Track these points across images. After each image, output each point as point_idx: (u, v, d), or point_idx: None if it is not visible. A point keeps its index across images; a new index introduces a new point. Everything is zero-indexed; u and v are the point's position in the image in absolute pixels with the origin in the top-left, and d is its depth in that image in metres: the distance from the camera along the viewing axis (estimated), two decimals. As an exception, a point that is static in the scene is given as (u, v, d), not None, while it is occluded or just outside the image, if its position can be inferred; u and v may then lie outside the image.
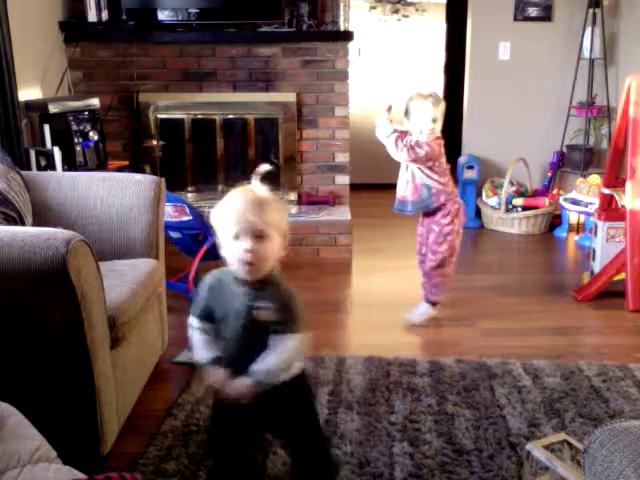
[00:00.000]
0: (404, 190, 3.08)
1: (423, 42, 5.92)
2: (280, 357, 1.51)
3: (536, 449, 1.74)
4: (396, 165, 3.12)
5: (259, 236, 1.48)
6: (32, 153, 3.35)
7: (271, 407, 1.60)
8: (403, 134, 3.01)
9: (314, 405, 1.78)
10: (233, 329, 1.54)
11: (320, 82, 4.33)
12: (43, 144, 3.45)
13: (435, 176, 3.00)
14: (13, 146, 3.16)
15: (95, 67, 4.21)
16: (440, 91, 6.04)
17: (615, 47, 4.80)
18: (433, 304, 3.13)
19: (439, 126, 3.01)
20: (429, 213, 3.08)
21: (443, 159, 3.03)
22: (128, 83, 4.23)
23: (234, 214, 1.49)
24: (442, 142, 3.03)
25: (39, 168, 3.35)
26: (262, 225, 1.48)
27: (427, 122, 2.98)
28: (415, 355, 2.75)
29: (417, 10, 5.85)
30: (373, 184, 5.78)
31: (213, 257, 3.47)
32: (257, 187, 1.56)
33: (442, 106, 3.03)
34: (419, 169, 3.00)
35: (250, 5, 4.20)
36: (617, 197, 3.42)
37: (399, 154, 2.97)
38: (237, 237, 1.48)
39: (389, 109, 3.04)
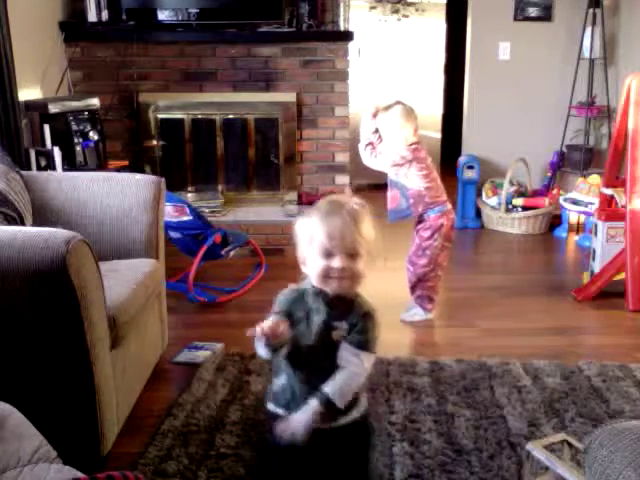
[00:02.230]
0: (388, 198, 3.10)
1: (423, 42, 5.92)
2: (352, 375, 1.40)
3: (536, 449, 1.74)
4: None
5: (352, 254, 1.40)
6: (32, 153, 3.35)
7: (334, 452, 1.46)
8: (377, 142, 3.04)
9: (374, 454, 1.59)
10: (306, 345, 1.42)
11: (320, 82, 4.33)
12: (43, 144, 3.45)
13: (414, 182, 2.97)
14: (13, 146, 3.16)
15: (95, 67, 4.21)
16: (440, 91, 6.05)
17: (615, 47, 4.80)
18: (424, 309, 3.13)
19: (409, 132, 2.95)
20: (418, 222, 3.08)
21: (424, 164, 2.99)
22: (128, 83, 4.23)
23: (328, 229, 1.39)
24: (419, 147, 2.98)
25: (39, 168, 3.35)
26: (357, 244, 1.40)
27: (398, 131, 2.94)
28: (415, 355, 2.75)
29: (417, 10, 5.85)
30: (373, 184, 5.78)
31: (213, 257, 3.48)
32: (350, 199, 1.45)
33: (409, 111, 2.96)
34: (399, 176, 3.00)
35: (250, 5, 4.20)
36: (617, 197, 3.42)
37: (375, 161, 3.01)
38: (330, 255, 1.39)
39: (375, 114, 3.01)
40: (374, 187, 5.77)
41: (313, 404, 1.38)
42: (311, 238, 1.41)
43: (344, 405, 1.40)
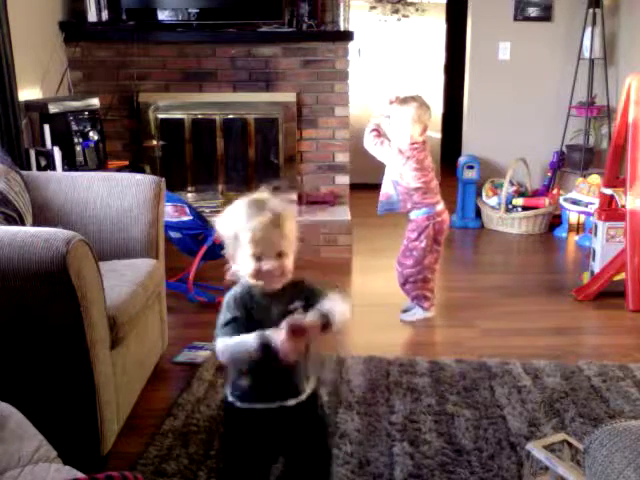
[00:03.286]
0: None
1: (423, 42, 5.91)
2: (335, 303, 1.48)
3: (536, 449, 1.74)
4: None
5: (279, 254, 1.44)
6: (32, 153, 3.35)
7: (294, 424, 1.54)
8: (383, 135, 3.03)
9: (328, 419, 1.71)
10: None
11: (320, 82, 4.33)
12: (43, 144, 3.45)
13: (405, 179, 2.97)
14: (13, 146, 3.16)
15: (95, 67, 4.20)
16: (440, 91, 6.05)
17: (615, 47, 4.80)
18: (422, 308, 3.14)
19: (417, 131, 2.92)
20: (408, 223, 3.08)
21: (419, 165, 2.96)
22: (128, 83, 4.23)
23: (253, 235, 1.42)
24: (421, 148, 2.96)
25: (39, 168, 3.35)
26: (283, 245, 1.45)
27: (407, 128, 2.92)
28: (415, 355, 2.75)
29: (417, 10, 5.84)
30: (373, 184, 5.77)
31: (213, 257, 3.47)
32: (269, 199, 1.47)
33: (424, 111, 2.93)
34: (393, 169, 3.00)
35: (250, 5, 4.20)
36: (617, 197, 3.42)
37: (374, 147, 3.01)
38: (258, 258, 1.43)
39: (392, 102, 2.98)
40: (374, 187, 5.78)
41: (312, 316, 1.43)
42: (236, 239, 1.45)
43: (337, 325, 1.45)
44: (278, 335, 1.38)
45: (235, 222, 1.45)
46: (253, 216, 1.43)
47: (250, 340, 1.40)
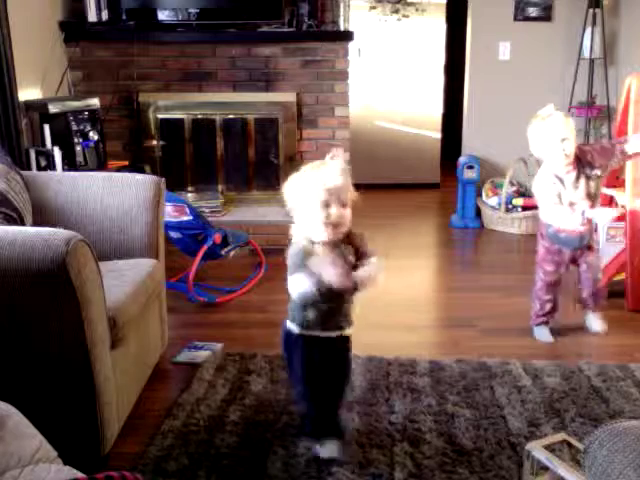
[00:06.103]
0: None
1: (423, 42, 5.91)
2: (371, 268, 1.83)
3: (536, 449, 1.74)
4: (395, 165, 3.11)
5: (344, 204, 1.76)
6: (32, 153, 3.35)
7: (341, 349, 1.98)
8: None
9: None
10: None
11: (320, 82, 4.33)
12: (43, 144, 3.45)
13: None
14: (13, 146, 3.16)
15: (95, 67, 4.21)
16: (440, 91, 6.05)
17: (615, 47, 4.80)
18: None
19: (570, 146, 2.68)
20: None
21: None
22: (128, 83, 4.23)
23: (325, 182, 1.72)
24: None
25: (39, 168, 3.35)
26: (346, 196, 1.76)
27: (555, 145, 2.67)
28: (415, 355, 2.75)
29: (417, 10, 5.84)
30: (373, 184, 5.77)
31: (213, 257, 3.48)
32: (328, 161, 1.79)
33: (566, 122, 2.69)
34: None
35: (250, 5, 4.20)
36: (617, 197, 3.42)
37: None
38: (327, 205, 1.73)
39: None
40: (374, 187, 5.79)
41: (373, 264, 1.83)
42: (306, 193, 1.75)
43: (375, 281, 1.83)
44: (329, 273, 1.70)
45: (305, 179, 1.76)
46: (322, 169, 1.75)
47: (307, 283, 1.73)
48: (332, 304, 1.87)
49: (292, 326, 1.93)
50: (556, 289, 2.96)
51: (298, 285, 1.78)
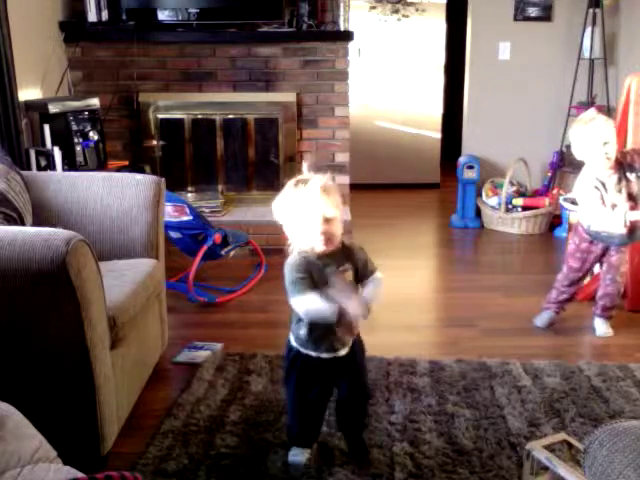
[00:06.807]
0: None
1: (423, 42, 5.92)
2: (378, 288, 1.87)
3: (536, 449, 1.74)
4: (395, 165, 3.11)
5: (333, 220, 1.77)
6: (32, 153, 3.35)
7: (342, 368, 1.93)
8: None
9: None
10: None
11: (320, 82, 4.33)
12: (43, 144, 3.45)
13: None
14: (13, 146, 3.16)
15: (95, 67, 4.21)
16: (440, 91, 6.05)
17: (615, 47, 4.80)
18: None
19: (612, 149, 2.70)
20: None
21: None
22: (128, 83, 4.23)
23: (310, 205, 1.75)
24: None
25: (39, 168, 3.35)
26: (337, 210, 1.78)
27: (597, 148, 2.68)
28: (415, 355, 2.75)
29: (417, 10, 5.84)
30: (373, 184, 5.78)
31: (213, 257, 3.48)
32: (315, 177, 1.83)
33: (608, 126, 2.71)
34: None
35: (250, 5, 4.20)
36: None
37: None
38: (325, 221, 1.75)
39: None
40: (374, 187, 5.79)
41: (368, 294, 1.86)
42: (295, 214, 1.77)
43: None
44: (351, 306, 1.73)
45: (291, 200, 1.77)
46: (306, 190, 1.77)
47: (327, 310, 1.73)
48: (328, 325, 1.83)
49: (292, 339, 1.92)
50: (576, 285, 3.04)
51: (310, 305, 1.76)
